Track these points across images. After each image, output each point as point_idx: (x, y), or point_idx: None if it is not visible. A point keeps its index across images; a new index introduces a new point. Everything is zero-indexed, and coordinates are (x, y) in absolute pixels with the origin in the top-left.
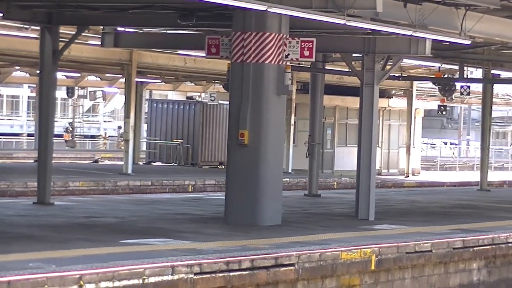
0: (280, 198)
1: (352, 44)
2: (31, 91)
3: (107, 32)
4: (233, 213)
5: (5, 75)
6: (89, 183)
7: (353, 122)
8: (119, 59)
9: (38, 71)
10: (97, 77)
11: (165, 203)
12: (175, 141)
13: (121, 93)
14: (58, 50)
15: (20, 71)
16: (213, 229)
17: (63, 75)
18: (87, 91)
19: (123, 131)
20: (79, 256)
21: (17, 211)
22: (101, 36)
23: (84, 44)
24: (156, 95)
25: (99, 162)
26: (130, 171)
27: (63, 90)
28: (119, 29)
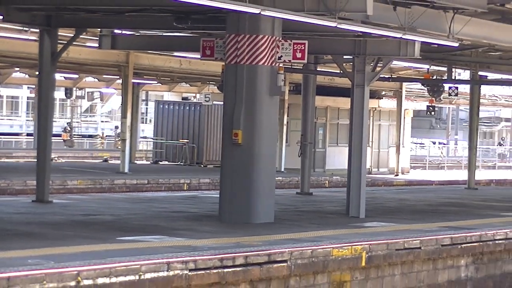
0: (273, 196)
1: (343, 46)
2: (31, 92)
3: (105, 34)
4: (227, 211)
5: (5, 76)
6: (87, 181)
7: (344, 122)
8: (116, 60)
9: (37, 73)
10: (94, 78)
11: (161, 201)
12: (181, 141)
13: (118, 94)
14: (56, 52)
15: (19, 72)
16: (208, 227)
17: (61, 76)
18: (85, 92)
19: (120, 131)
20: (77, 252)
21: (16, 209)
22: (98, 38)
23: (82, 46)
24: (152, 96)
25: (108, 161)
26: (127, 170)
27: (61, 91)
28: (116, 31)
